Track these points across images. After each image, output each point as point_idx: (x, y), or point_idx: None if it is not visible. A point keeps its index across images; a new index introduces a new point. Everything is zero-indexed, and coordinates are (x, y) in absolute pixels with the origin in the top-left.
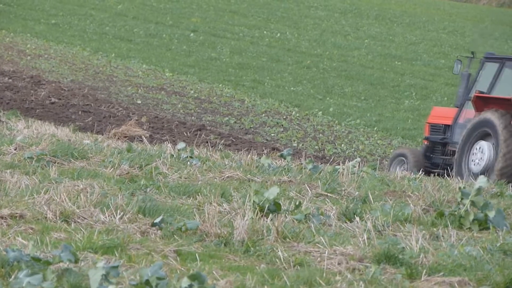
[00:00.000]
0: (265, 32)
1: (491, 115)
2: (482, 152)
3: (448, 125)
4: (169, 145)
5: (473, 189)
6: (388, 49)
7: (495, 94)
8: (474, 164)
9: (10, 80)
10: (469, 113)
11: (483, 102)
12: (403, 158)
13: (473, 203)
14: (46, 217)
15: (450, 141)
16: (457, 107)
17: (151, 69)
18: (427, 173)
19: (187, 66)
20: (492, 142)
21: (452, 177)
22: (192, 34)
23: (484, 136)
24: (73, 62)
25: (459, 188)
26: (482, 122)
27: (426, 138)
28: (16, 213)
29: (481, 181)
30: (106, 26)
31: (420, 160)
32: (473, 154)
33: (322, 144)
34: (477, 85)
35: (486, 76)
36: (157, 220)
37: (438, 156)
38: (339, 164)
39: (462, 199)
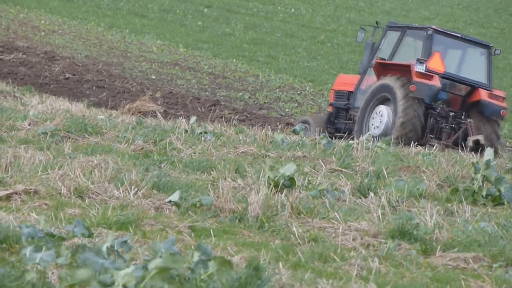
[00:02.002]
0: (279, 7)
1: (390, 81)
2: (382, 116)
3: (351, 92)
4: (183, 120)
5: (482, 163)
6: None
7: (396, 61)
8: (374, 128)
9: (24, 56)
10: (371, 80)
11: (384, 69)
12: (306, 125)
13: (485, 178)
14: (60, 193)
15: (352, 106)
16: (360, 74)
17: (165, 45)
18: (330, 137)
19: (201, 41)
20: (391, 106)
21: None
22: (206, 10)
23: (384, 101)
24: (87, 37)
25: (473, 163)
26: (382, 88)
27: (331, 104)
28: (30, 189)
29: (489, 153)
30: (121, 2)
31: (322, 126)
32: (373, 118)
33: None
34: (379, 53)
35: (388, 44)
36: (174, 197)
37: (341, 121)
38: (352, 139)
39: (475, 173)
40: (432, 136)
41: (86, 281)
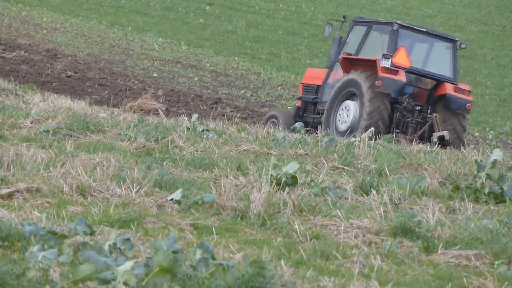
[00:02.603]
0: (281, 5)
1: (357, 76)
2: (348, 111)
3: (319, 86)
4: (185, 118)
5: (488, 161)
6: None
7: (362, 56)
8: (341, 123)
9: (26, 54)
10: (339, 74)
11: (350, 64)
12: (274, 120)
13: (488, 176)
14: (62, 191)
15: (320, 100)
16: (328, 68)
17: (167, 42)
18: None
19: (203, 39)
20: (357, 101)
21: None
22: (208, 7)
23: (351, 96)
24: (89, 35)
25: (475, 161)
26: (348, 83)
27: (299, 98)
28: (33, 187)
29: (496, 154)
30: (122, 0)
31: (290, 120)
32: (340, 112)
33: None
34: (346, 48)
35: (354, 39)
36: (176, 195)
37: (309, 115)
38: (354, 137)
39: (478, 171)
40: (398, 130)
41: (87, 278)
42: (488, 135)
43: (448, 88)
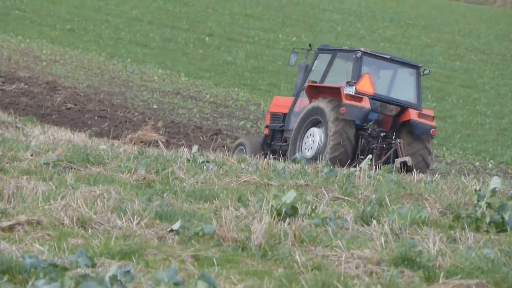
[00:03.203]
0: (280, 35)
1: (321, 104)
2: (314, 138)
3: (286, 114)
4: (186, 149)
5: (488, 190)
6: (403, 51)
7: (327, 83)
8: (307, 150)
9: (26, 86)
10: (304, 102)
11: (315, 92)
12: (242, 147)
13: (489, 205)
14: (63, 223)
15: (286, 128)
16: (294, 96)
17: (166, 74)
18: None
19: (202, 70)
20: (322, 129)
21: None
22: (207, 38)
23: (316, 123)
24: (88, 67)
25: (475, 190)
26: (313, 110)
27: (267, 127)
28: (33, 220)
29: (496, 182)
30: (122, 31)
31: (257, 148)
32: (305, 140)
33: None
34: (312, 75)
35: (320, 66)
36: (175, 226)
37: (276, 143)
38: (354, 167)
39: (478, 201)
40: (362, 157)
41: None
42: (488, 164)
43: (412, 114)
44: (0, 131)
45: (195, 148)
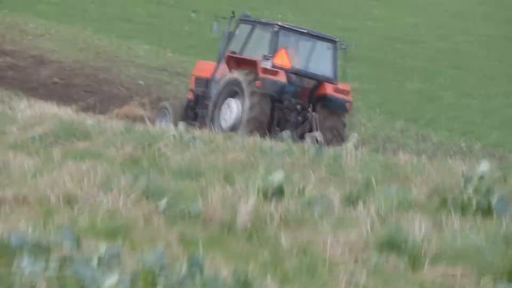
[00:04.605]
0: (265, 12)
1: (239, 75)
2: (231, 109)
3: (209, 79)
4: (172, 126)
5: (476, 174)
6: (389, 31)
7: (246, 55)
8: (224, 120)
9: (12, 60)
10: (226, 70)
11: (234, 62)
12: (166, 111)
13: (476, 189)
14: (49, 200)
15: (207, 95)
16: (217, 63)
17: (153, 50)
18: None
19: (189, 46)
20: (240, 100)
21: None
22: (193, 14)
23: (234, 94)
24: (75, 42)
25: (462, 173)
26: (231, 81)
27: (191, 90)
28: (20, 196)
29: (484, 166)
30: (108, 6)
31: (180, 112)
32: (223, 110)
33: None
34: (233, 44)
35: (240, 36)
36: (161, 204)
37: (199, 108)
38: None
39: (465, 184)
40: (278, 128)
41: None
42: (475, 146)
43: (328, 88)
44: None
45: (181, 125)
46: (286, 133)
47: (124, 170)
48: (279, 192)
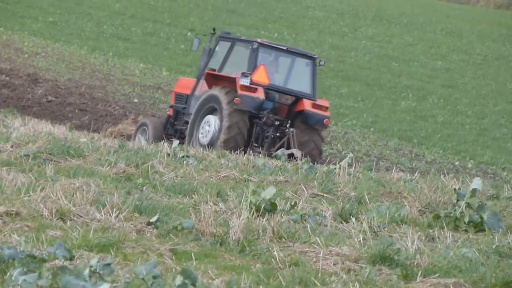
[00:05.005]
0: (262, 32)
1: (218, 92)
2: (209, 126)
3: (189, 95)
4: (166, 144)
5: (468, 190)
6: (385, 50)
7: (225, 71)
8: (203, 136)
9: (7, 78)
10: (205, 86)
11: (214, 79)
12: (145, 127)
13: (468, 205)
14: (42, 215)
15: (187, 111)
16: (197, 79)
17: (148, 68)
18: (167, 140)
19: (184, 65)
20: (218, 116)
21: (185, 145)
22: (189, 33)
23: (212, 111)
24: (70, 60)
25: (455, 189)
26: (210, 98)
27: (171, 107)
28: (12, 211)
29: (476, 183)
30: (104, 25)
31: (159, 129)
32: (202, 126)
33: None
34: (213, 60)
35: (220, 53)
36: (153, 219)
37: (178, 125)
38: (335, 165)
39: (457, 200)
40: (256, 145)
41: None
42: (468, 164)
43: (306, 104)
44: None
45: (175, 142)
46: (281, 151)
47: (117, 187)
48: (272, 207)
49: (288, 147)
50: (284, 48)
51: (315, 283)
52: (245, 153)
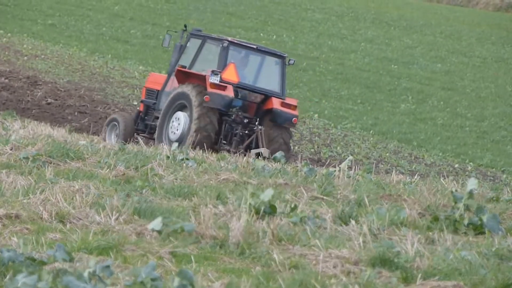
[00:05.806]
0: (261, 34)
1: (188, 89)
2: (179, 122)
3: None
4: (165, 146)
5: (465, 192)
6: (384, 52)
7: (196, 69)
8: (172, 133)
9: (7, 80)
10: (175, 83)
11: (184, 76)
12: (115, 123)
13: (467, 207)
14: (41, 218)
15: (157, 107)
16: (168, 75)
17: (147, 71)
18: (137, 136)
19: None
20: (188, 113)
21: (155, 141)
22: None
23: (182, 108)
24: (69, 63)
25: (451, 191)
26: (180, 95)
27: (142, 102)
28: (12, 213)
29: (472, 183)
30: (103, 27)
31: (130, 124)
32: (172, 123)
33: (318, 147)
34: (184, 57)
35: (191, 50)
36: (156, 223)
37: (149, 120)
38: (334, 167)
39: (455, 202)
40: (225, 142)
41: None
42: (468, 167)
43: (275, 103)
44: None
45: (175, 145)
46: (280, 154)
47: (117, 189)
48: (271, 210)
49: (257, 145)
50: (254, 46)
51: (315, 286)
52: (213, 150)
